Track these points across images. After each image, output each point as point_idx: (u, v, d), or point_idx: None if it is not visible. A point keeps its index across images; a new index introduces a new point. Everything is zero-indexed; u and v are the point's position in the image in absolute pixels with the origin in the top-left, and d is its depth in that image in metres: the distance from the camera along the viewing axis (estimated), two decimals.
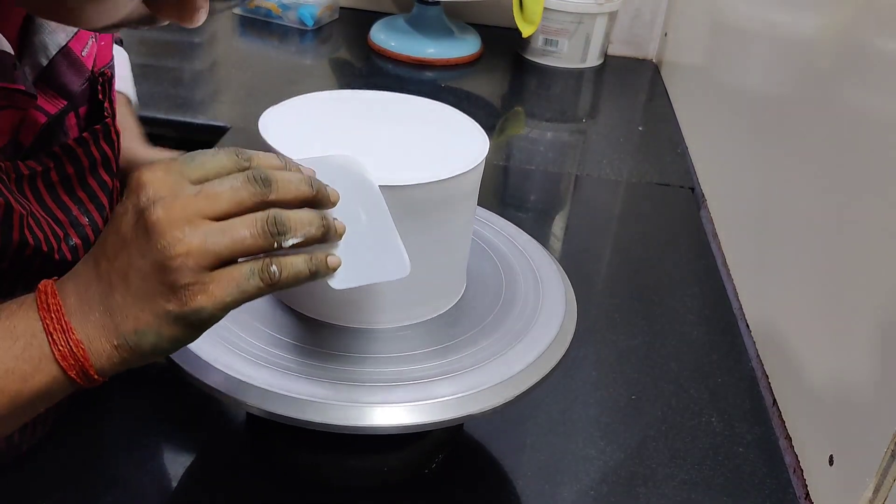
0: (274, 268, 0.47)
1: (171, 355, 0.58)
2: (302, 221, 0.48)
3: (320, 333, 0.62)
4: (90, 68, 0.64)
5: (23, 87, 0.55)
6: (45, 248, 0.58)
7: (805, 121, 0.85)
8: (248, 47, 1.60)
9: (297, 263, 0.48)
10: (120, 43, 0.90)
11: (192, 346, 0.58)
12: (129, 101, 0.88)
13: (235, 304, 0.47)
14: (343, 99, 0.69)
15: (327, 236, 0.50)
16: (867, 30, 0.74)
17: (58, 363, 0.46)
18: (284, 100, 0.66)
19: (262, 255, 0.47)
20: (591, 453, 0.73)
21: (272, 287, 0.47)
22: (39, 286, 0.48)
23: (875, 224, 0.66)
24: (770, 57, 1.00)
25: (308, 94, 0.68)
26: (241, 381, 0.56)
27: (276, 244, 0.47)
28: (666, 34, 1.64)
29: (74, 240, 0.62)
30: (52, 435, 0.68)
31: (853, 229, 0.70)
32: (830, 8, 0.84)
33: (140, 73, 1.37)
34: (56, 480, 0.65)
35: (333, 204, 0.51)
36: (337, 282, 0.52)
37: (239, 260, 0.47)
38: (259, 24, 1.65)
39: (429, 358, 0.61)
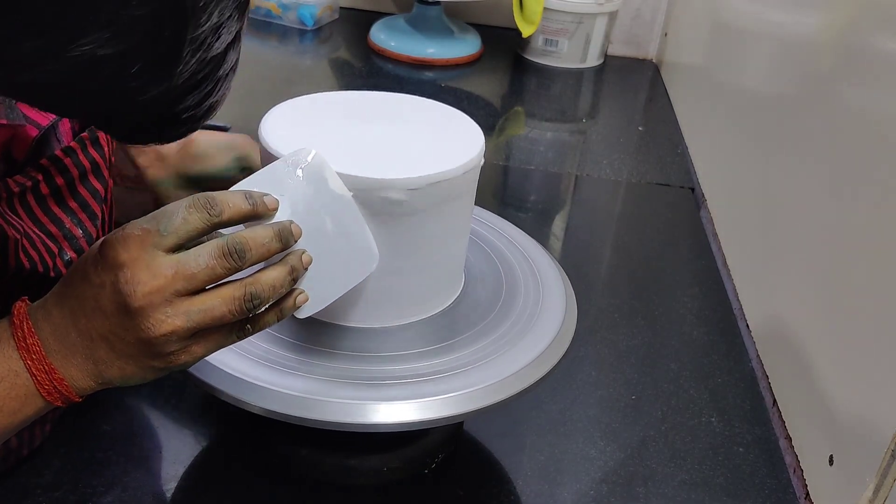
0: (248, 326, 0.52)
1: None
2: (274, 286, 0.51)
3: (320, 332, 0.62)
4: None
5: (5, 122, 0.55)
6: (40, 270, 0.58)
7: (805, 121, 0.85)
8: (248, 47, 1.59)
9: (269, 320, 0.52)
10: None
11: None
12: None
13: (212, 353, 0.52)
14: (343, 99, 0.69)
15: (295, 283, 0.53)
16: (867, 30, 0.74)
17: (43, 398, 0.50)
18: (284, 100, 0.66)
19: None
20: (591, 453, 0.73)
21: (245, 338, 0.52)
22: (14, 319, 0.50)
23: (875, 223, 0.66)
24: (770, 57, 1.00)
25: (308, 95, 0.68)
26: (240, 379, 0.56)
27: (251, 314, 0.50)
28: (666, 34, 1.64)
29: (69, 254, 0.62)
30: (51, 435, 0.68)
31: (853, 229, 0.70)
32: (830, 8, 0.84)
33: None
34: (56, 480, 0.65)
35: (296, 239, 0.53)
36: (302, 312, 0.54)
37: None
38: (259, 24, 1.65)
39: (429, 356, 0.61)
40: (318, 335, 0.62)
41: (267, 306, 0.51)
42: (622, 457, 0.73)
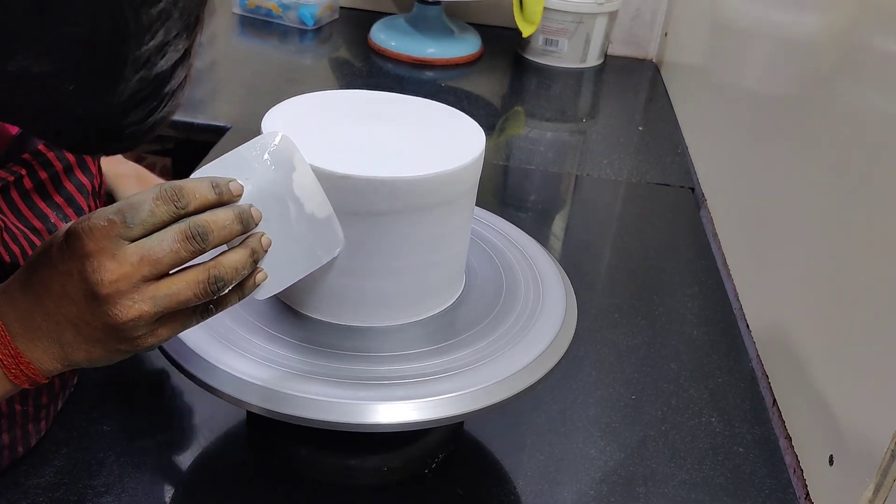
0: (212, 306, 0.52)
1: (171, 355, 0.58)
2: (237, 268, 0.51)
3: (320, 331, 0.62)
4: None
5: None
6: (22, 263, 0.58)
7: (805, 121, 0.85)
8: (248, 47, 1.60)
9: (231, 300, 0.53)
10: None
11: (192, 345, 0.58)
12: None
13: (177, 334, 0.53)
14: (344, 99, 0.69)
15: (256, 265, 0.54)
16: (867, 30, 0.74)
17: (10, 380, 0.50)
18: (284, 99, 0.66)
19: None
20: (591, 453, 0.73)
21: (208, 318, 0.53)
22: None
23: (875, 223, 0.66)
24: (770, 57, 1.00)
25: (309, 94, 0.68)
26: (241, 379, 0.56)
27: (215, 296, 0.51)
28: (666, 34, 1.64)
29: None
30: (52, 435, 0.68)
31: (853, 229, 0.70)
32: (830, 8, 0.84)
33: None
34: (56, 480, 0.65)
35: (257, 223, 0.53)
36: (261, 293, 0.55)
37: None
38: (259, 24, 1.65)
39: (429, 356, 0.61)
40: (318, 335, 0.62)
41: (230, 288, 0.52)
42: (622, 457, 0.73)
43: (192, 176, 0.52)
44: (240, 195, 0.52)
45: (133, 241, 0.48)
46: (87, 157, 0.65)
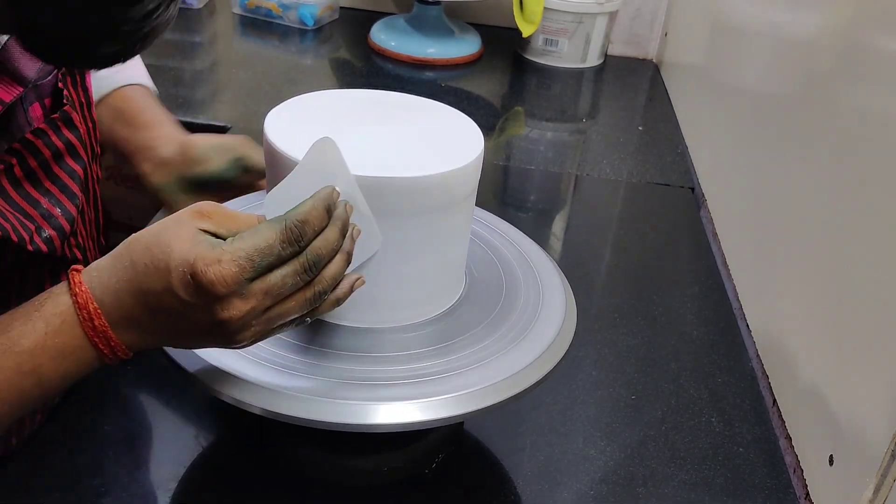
0: (308, 319, 0.55)
1: (172, 356, 0.58)
2: (335, 278, 0.54)
3: (320, 332, 0.62)
4: None
5: None
6: (14, 239, 0.58)
7: (805, 121, 0.85)
8: (248, 47, 1.60)
9: (326, 308, 0.55)
10: None
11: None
12: (150, 91, 0.87)
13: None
14: (344, 98, 0.69)
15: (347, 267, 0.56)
16: (867, 30, 0.74)
17: (104, 364, 0.53)
18: (285, 99, 0.66)
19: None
20: (591, 453, 0.73)
21: (302, 325, 0.56)
22: (77, 300, 0.51)
23: (875, 223, 0.66)
24: (770, 57, 1.00)
25: (309, 94, 0.68)
26: (241, 379, 0.56)
27: (316, 305, 0.54)
28: (666, 34, 1.64)
29: (48, 231, 0.62)
30: (52, 435, 0.68)
31: (853, 229, 0.70)
32: (830, 8, 0.84)
33: None
34: (56, 480, 0.65)
35: (354, 238, 0.56)
36: None
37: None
38: (259, 24, 1.65)
39: (429, 357, 0.61)
40: (318, 335, 0.62)
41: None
42: (622, 457, 0.73)
43: (274, 193, 0.54)
44: (345, 212, 0.54)
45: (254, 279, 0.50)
46: (75, 139, 0.64)
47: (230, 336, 0.51)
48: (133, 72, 0.85)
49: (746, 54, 1.10)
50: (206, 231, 0.50)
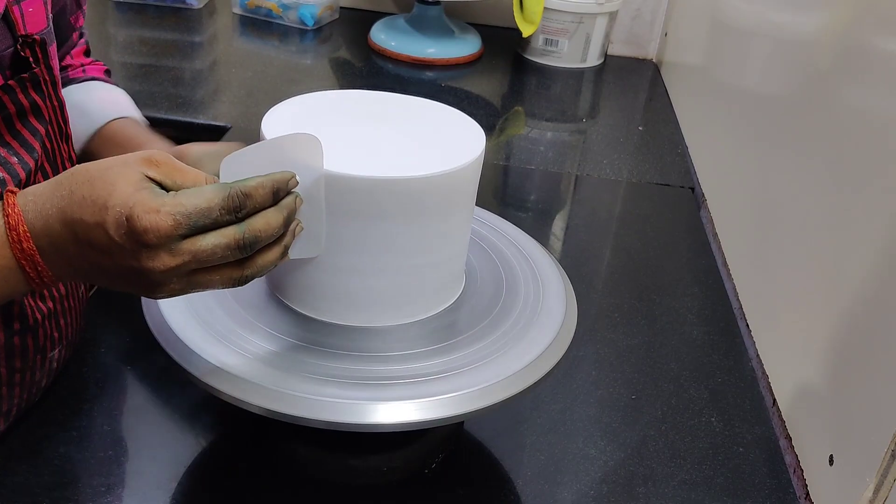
0: (247, 273, 0.54)
1: (172, 355, 0.58)
2: (265, 267, 0.54)
3: (320, 331, 0.62)
4: (20, 31, 0.63)
5: None
6: None
7: (805, 121, 0.85)
8: (248, 47, 1.60)
9: (266, 263, 0.54)
10: (108, 74, 0.92)
11: (192, 345, 0.58)
12: (141, 122, 0.89)
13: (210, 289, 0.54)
14: (344, 99, 0.69)
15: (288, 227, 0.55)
16: (867, 30, 0.74)
17: (31, 288, 0.54)
18: (284, 99, 0.66)
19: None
20: (591, 453, 0.73)
21: (245, 283, 0.55)
22: (9, 221, 0.52)
23: (875, 223, 0.66)
24: (770, 57, 1.00)
25: (309, 94, 0.68)
26: (241, 379, 0.56)
27: (247, 254, 0.53)
28: (666, 34, 1.64)
29: (1, 174, 0.62)
30: (52, 435, 0.68)
31: (853, 229, 0.70)
32: (830, 8, 0.84)
33: (140, 73, 1.38)
34: (56, 480, 0.65)
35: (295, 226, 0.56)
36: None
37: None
38: (259, 24, 1.65)
39: (429, 356, 0.61)
40: (319, 335, 0.62)
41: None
42: (622, 457, 0.73)
43: (232, 158, 0.53)
44: (293, 203, 0.54)
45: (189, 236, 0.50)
46: (40, 100, 0.64)
47: (150, 286, 0.52)
48: (123, 108, 0.88)
49: (746, 54, 1.10)
50: (152, 179, 0.51)
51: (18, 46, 0.62)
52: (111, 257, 0.51)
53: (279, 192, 0.53)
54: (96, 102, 0.85)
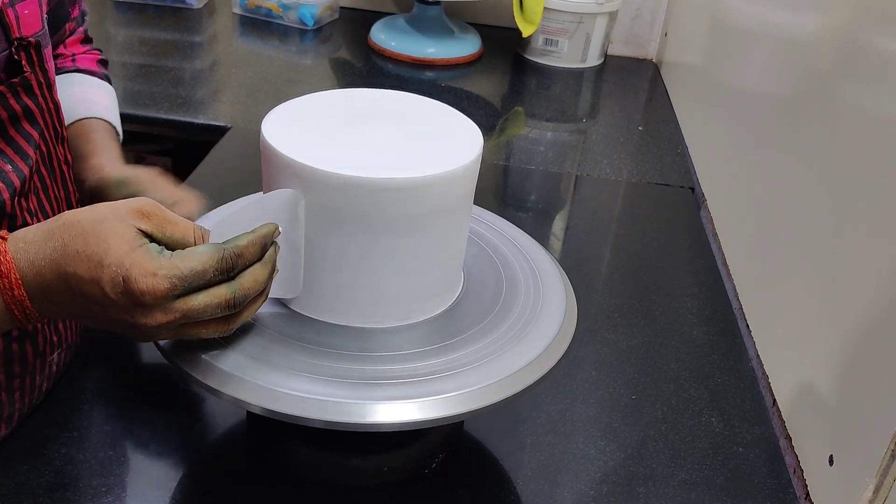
0: (228, 327, 0.55)
1: (171, 356, 0.58)
2: (249, 315, 0.56)
3: (320, 332, 0.62)
4: (14, 34, 0.62)
5: None
6: None
7: (805, 121, 0.85)
8: (248, 47, 1.60)
9: (245, 317, 0.56)
10: (107, 80, 0.91)
11: (192, 345, 0.58)
12: (114, 130, 0.88)
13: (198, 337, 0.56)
14: (344, 98, 0.69)
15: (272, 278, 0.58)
16: (867, 30, 0.74)
17: (17, 326, 0.55)
18: (284, 100, 0.66)
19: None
20: (591, 453, 0.73)
21: (227, 333, 0.57)
22: (1, 268, 0.52)
23: (874, 223, 0.66)
24: (770, 57, 1.00)
25: (309, 95, 0.68)
26: (241, 379, 0.56)
27: (235, 310, 0.54)
28: (666, 34, 1.64)
29: None
30: (52, 434, 0.68)
31: (853, 229, 0.70)
32: (830, 8, 0.84)
33: (140, 73, 1.38)
34: (56, 480, 0.65)
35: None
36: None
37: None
38: (259, 24, 1.65)
39: (429, 356, 0.61)
40: (319, 335, 0.62)
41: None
42: (622, 457, 0.73)
43: (219, 216, 0.56)
44: (275, 252, 0.57)
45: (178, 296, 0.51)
46: (33, 105, 0.64)
47: (139, 335, 0.53)
48: (92, 107, 0.87)
49: (746, 54, 1.10)
50: (143, 232, 0.51)
51: (13, 50, 0.62)
52: (104, 309, 0.52)
53: (266, 247, 0.55)
54: (67, 98, 0.83)
